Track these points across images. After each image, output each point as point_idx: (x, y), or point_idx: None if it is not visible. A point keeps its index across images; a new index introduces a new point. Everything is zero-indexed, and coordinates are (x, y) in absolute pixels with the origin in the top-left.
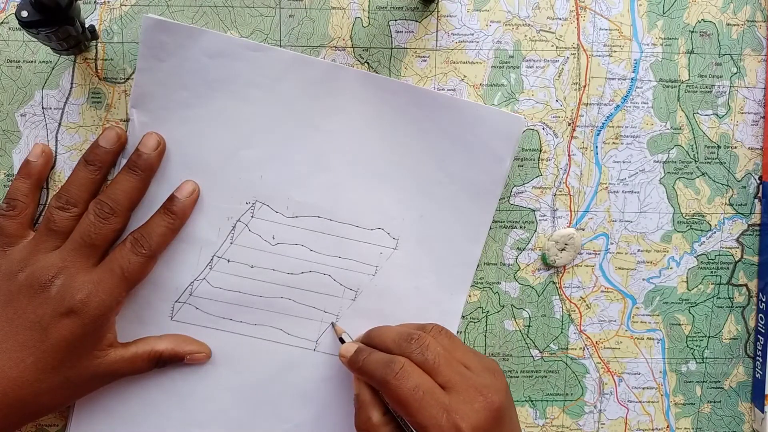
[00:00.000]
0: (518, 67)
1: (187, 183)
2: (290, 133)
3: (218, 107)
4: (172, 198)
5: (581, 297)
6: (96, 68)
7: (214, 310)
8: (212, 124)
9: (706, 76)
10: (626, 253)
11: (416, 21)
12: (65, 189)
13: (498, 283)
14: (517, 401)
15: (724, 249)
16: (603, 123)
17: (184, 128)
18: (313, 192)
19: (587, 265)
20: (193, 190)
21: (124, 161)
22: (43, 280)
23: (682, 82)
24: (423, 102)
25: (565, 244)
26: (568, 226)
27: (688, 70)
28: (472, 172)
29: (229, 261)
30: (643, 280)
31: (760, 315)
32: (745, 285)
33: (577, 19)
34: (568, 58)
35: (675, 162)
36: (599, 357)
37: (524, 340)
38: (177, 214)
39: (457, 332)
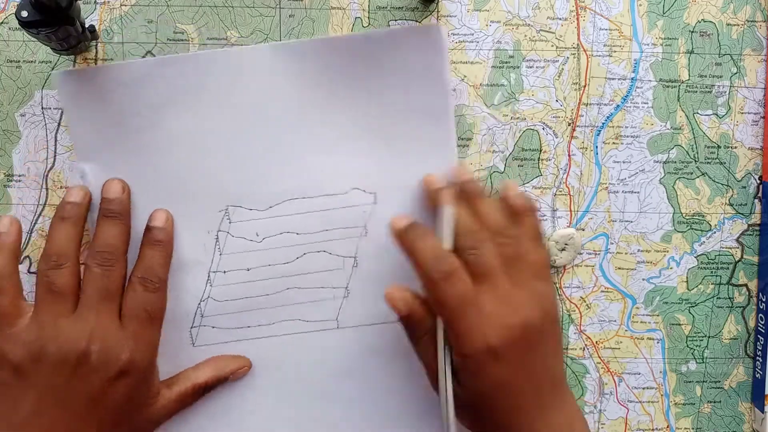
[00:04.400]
0: (518, 67)
1: (158, 212)
2: (234, 130)
3: (158, 131)
4: (150, 229)
5: (581, 297)
6: None
7: (229, 323)
8: (159, 150)
9: (706, 76)
10: (626, 253)
11: (416, 21)
12: (49, 248)
13: None
14: None
15: (724, 249)
16: (603, 123)
17: (134, 162)
18: (278, 178)
19: (587, 265)
20: (167, 216)
21: (95, 215)
22: (77, 352)
23: (682, 82)
24: (342, 50)
25: (565, 244)
26: (568, 226)
27: (688, 70)
28: (416, 97)
29: (225, 272)
30: (643, 280)
31: (760, 315)
32: (745, 285)
33: (577, 19)
34: (568, 58)
35: (675, 162)
36: (599, 357)
37: None
38: (164, 241)
39: None
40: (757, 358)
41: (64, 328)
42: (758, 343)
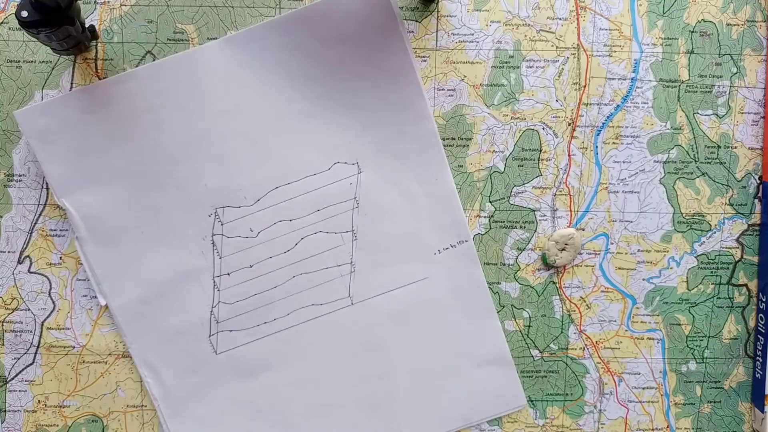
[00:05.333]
0: (518, 67)
1: None
2: (203, 132)
3: (129, 149)
4: None
5: (581, 297)
6: (96, 68)
7: (246, 324)
8: (134, 168)
9: (706, 76)
10: (626, 253)
11: (416, 21)
12: None
13: (498, 283)
14: None
15: (724, 249)
16: (603, 123)
17: (113, 186)
18: (258, 169)
19: (587, 265)
20: None
21: (84, 245)
22: None
23: (682, 82)
24: (291, 27)
25: (565, 244)
26: (568, 226)
27: (688, 70)
28: (377, 58)
29: (230, 274)
30: (643, 280)
31: (760, 315)
32: (745, 285)
33: (577, 19)
34: (568, 58)
35: (675, 162)
36: (599, 357)
37: (524, 340)
38: None
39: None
40: (757, 358)
41: None
42: (758, 343)
